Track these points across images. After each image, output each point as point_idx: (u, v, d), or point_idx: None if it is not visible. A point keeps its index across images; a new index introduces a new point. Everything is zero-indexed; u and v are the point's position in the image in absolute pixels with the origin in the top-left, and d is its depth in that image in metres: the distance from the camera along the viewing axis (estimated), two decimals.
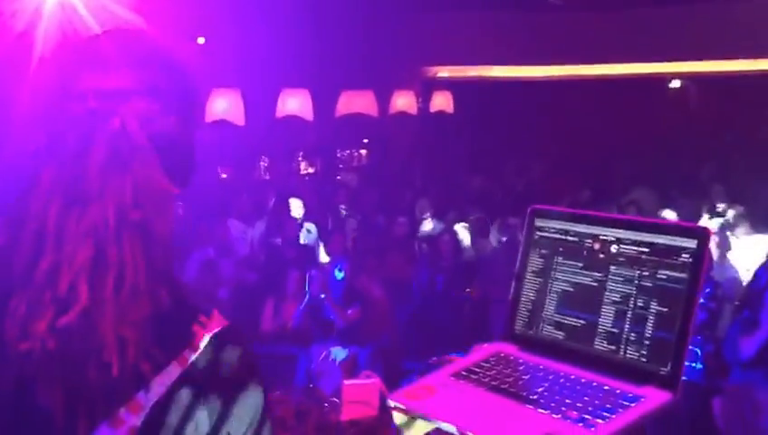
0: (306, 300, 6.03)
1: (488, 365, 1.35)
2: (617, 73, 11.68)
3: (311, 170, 12.23)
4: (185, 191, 1.06)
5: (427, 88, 12.66)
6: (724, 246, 6.78)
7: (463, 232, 7.83)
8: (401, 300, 6.59)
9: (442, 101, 12.57)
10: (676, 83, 13.00)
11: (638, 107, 12.13)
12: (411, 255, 7.30)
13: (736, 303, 5.28)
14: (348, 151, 12.86)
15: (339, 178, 11.89)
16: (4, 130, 0.98)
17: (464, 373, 1.34)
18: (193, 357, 0.92)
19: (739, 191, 8.46)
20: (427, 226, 8.42)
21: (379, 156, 12.86)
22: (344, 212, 8.92)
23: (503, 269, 5.90)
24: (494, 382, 1.28)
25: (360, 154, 13.08)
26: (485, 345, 1.43)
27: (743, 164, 10.22)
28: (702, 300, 5.44)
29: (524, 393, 1.23)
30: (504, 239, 7.38)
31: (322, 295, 5.91)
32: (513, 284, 1.42)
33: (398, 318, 6.41)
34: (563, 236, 1.35)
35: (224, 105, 8.35)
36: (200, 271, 6.34)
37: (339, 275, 5.88)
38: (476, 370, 1.35)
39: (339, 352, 5.72)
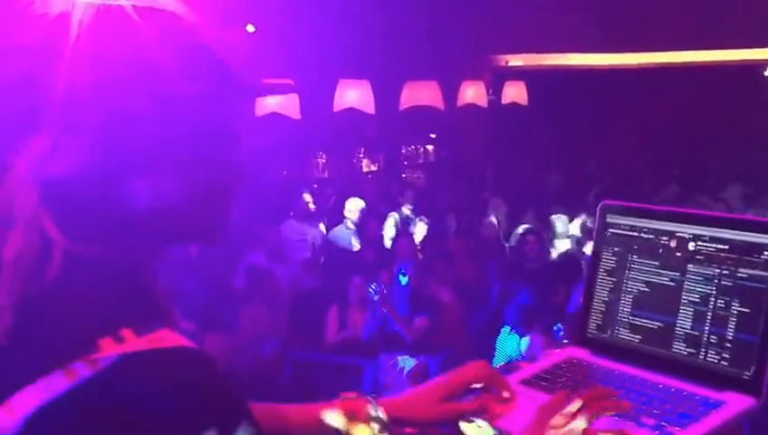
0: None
1: (559, 371, 1.38)
2: (706, 61, 11.41)
3: (373, 168, 12.31)
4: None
5: (498, 78, 12.59)
6: None
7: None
8: (474, 306, 6.62)
9: (515, 92, 12.49)
10: None
11: (732, 97, 11.85)
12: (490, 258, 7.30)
13: None
14: (413, 147, 12.90)
15: (404, 175, 11.95)
16: None
17: (533, 380, 1.38)
18: (86, 374, 0.83)
19: None
20: (502, 226, 8.42)
21: (446, 152, 12.85)
22: (410, 213, 8.96)
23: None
24: (565, 389, 1.31)
25: (427, 150, 13.11)
26: (557, 351, 1.47)
27: None
28: None
29: None
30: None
31: (385, 310, 5.95)
32: (585, 285, 1.44)
33: (471, 325, 6.43)
34: (637, 234, 1.38)
35: (277, 98, 8.33)
36: (249, 278, 6.46)
37: (403, 280, 5.92)
38: (547, 376, 1.38)
39: (407, 362, 5.77)
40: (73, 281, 0.89)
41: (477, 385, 1.34)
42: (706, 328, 1.27)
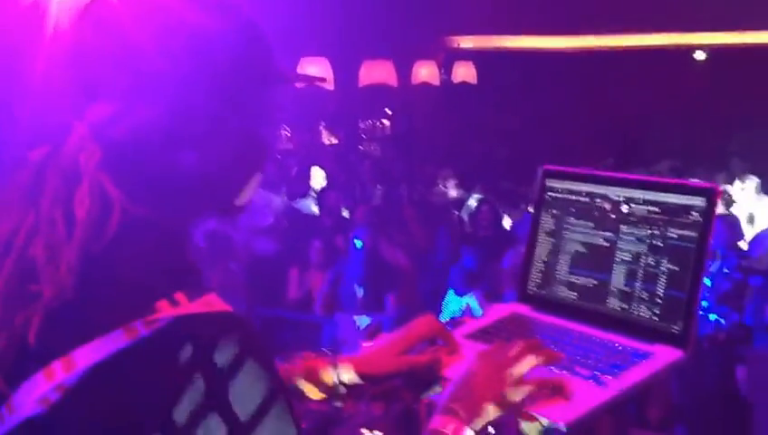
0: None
1: (501, 326, 1.37)
2: (643, 45, 11.52)
3: (333, 141, 12.25)
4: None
5: (449, 59, 12.57)
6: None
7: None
8: (425, 269, 6.63)
9: (465, 72, 12.47)
10: (701, 55, 12.80)
11: (664, 79, 11.97)
12: (439, 224, 7.31)
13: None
14: (370, 122, 12.85)
15: (362, 148, 11.91)
16: None
17: (477, 334, 1.36)
18: (145, 332, 0.82)
19: (759, 163, 8.44)
20: (450, 195, 8.43)
21: (402, 126, 12.83)
22: (368, 183, 8.94)
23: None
24: (507, 342, 1.30)
25: (383, 124, 13.07)
26: (499, 306, 1.45)
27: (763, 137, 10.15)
28: (726, 270, 5.48)
29: None
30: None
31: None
32: (526, 245, 1.43)
33: (421, 287, 6.45)
34: (575, 197, 1.36)
35: None
36: (210, 243, 6.39)
37: (358, 244, 5.92)
38: (489, 330, 1.37)
39: (363, 320, 5.77)
40: (130, 242, 0.87)
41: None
42: (638, 285, 1.26)
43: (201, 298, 0.85)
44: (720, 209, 7.21)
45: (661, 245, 1.24)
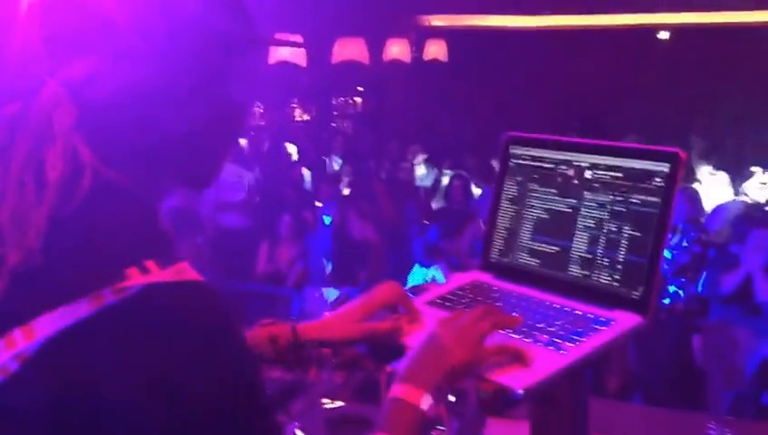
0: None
1: (462, 293, 1.33)
2: (609, 24, 11.52)
3: (306, 117, 12.13)
4: None
5: (421, 37, 12.46)
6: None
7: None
8: (393, 243, 6.60)
9: (436, 50, 12.35)
10: (664, 35, 12.84)
11: (629, 58, 11.99)
12: (409, 199, 7.28)
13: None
14: (343, 99, 12.74)
15: (334, 125, 11.81)
16: None
17: (438, 301, 1.32)
18: (113, 300, 0.76)
19: (718, 141, 8.52)
20: (420, 171, 8.39)
21: (373, 103, 12.74)
22: (338, 158, 8.87)
23: None
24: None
25: (355, 102, 12.96)
26: (461, 274, 1.41)
27: (722, 115, 10.26)
28: (686, 244, 5.51)
29: None
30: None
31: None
32: (489, 212, 1.38)
33: (389, 261, 6.42)
34: (538, 164, 1.32)
35: None
36: (174, 219, 6.30)
37: (326, 219, 5.87)
38: (451, 297, 1.33)
39: (331, 293, 5.73)
40: (101, 207, 0.81)
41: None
42: (599, 251, 1.22)
43: (173, 267, 0.80)
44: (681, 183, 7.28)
45: (624, 211, 1.20)
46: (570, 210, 1.27)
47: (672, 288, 5.19)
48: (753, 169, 7.68)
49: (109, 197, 0.82)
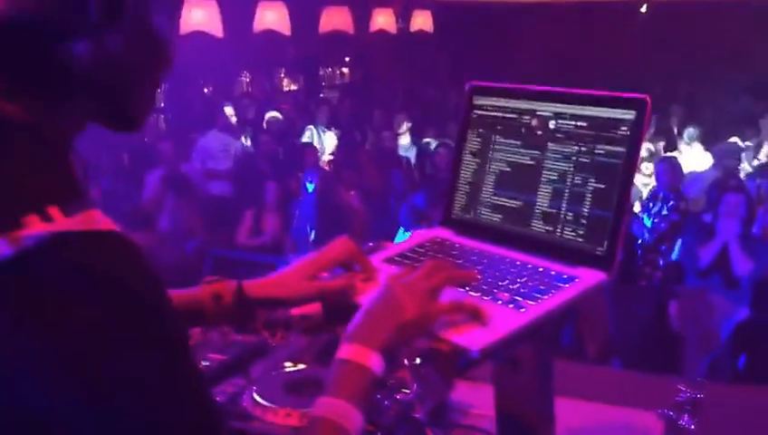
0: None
1: (422, 250, 1.24)
2: None
3: (293, 87, 11.96)
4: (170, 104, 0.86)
5: (406, 7, 12.29)
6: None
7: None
8: (378, 211, 6.52)
9: (422, 21, 12.21)
10: (645, 8, 12.71)
11: (611, 31, 11.89)
12: (394, 168, 7.18)
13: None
14: (330, 69, 12.56)
15: (321, 95, 11.66)
16: None
17: (396, 258, 1.23)
18: (8, 251, 0.66)
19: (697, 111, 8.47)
20: (404, 140, 8.28)
21: (360, 74, 12.58)
22: (323, 127, 8.74)
23: None
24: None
25: (343, 72, 12.79)
26: (422, 231, 1.32)
27: (701, 86, 10.20)
28: (665, 212, 5.45)
29: None
30: None
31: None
32: (451, 166, 1.29)
33: (374, 228, 6.33)
34: (501, 114, 1.22)
35: (200, 15, 7.82)
36: (166, 185, 6.21)
37: (309, 187, 5.78)
38: (410, 255, 1.24)
39: None
40: (1, 144, 0.70)
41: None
42: (563, 205, 1.14)
43: (81, 214, 0.69)
44: (663, 153, 7.22)
45: (588, 162, 1.11)
46: (533, 163, 1.17)
47: (651, 256, 5.14)
48: (731, 139, 7.62)
49: (11, 133, 0.72)
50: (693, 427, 1.41)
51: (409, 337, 0.98)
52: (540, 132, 1.16)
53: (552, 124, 1.15)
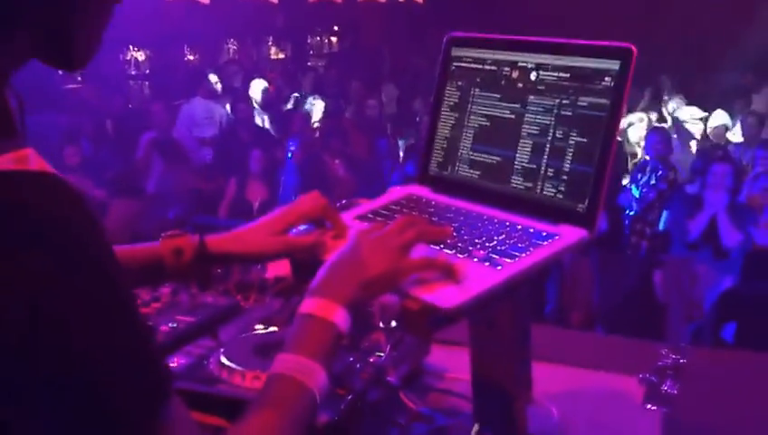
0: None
1: (396, 208, 1.18)
2: None
3: (281, 56, 11.80)
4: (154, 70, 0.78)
5: None
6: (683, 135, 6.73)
7: None
8: (368, 180, 6.44)
9: None
10: None
11: (602, 2, 11.77)
12: (380, 137, 7.11)
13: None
14: (318, 38, 12.40)
15: (309, 64, 11.52)
16: None
17: (369, 215, 1.18)
18: None
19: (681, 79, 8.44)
20: (391, 109, 8.20)
21: (348, 42, 12.43)
22: (308, 96, 8.64)
23: None
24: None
25: (331, 41, 12.62)
26: (397, 188, 1.26)
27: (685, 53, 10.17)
28: (653, 181, 5.41)
29: None
30: None
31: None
32: (428, 121, 1.23)
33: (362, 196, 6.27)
34: (481, 66, 1.16)
35: None
36: (153, 149, 6.14)
37: (288, 154, 5.71)
38: (384, 212, 1.18)
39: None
40: None
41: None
42: (544, 161, 1.08)
43: (11, 153, 0.62)
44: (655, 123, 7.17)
45: (570, 115, 1.05)
46: (513, 116, 1.11)
47: (639, 226, 5.11)
48: (718, 111, 7.58)
49: None
50: (675, 392, 1.38)
51: (376, 293, 0.93)
52: (521, 85, 1.10)
53: (533, 76, 1.09)
